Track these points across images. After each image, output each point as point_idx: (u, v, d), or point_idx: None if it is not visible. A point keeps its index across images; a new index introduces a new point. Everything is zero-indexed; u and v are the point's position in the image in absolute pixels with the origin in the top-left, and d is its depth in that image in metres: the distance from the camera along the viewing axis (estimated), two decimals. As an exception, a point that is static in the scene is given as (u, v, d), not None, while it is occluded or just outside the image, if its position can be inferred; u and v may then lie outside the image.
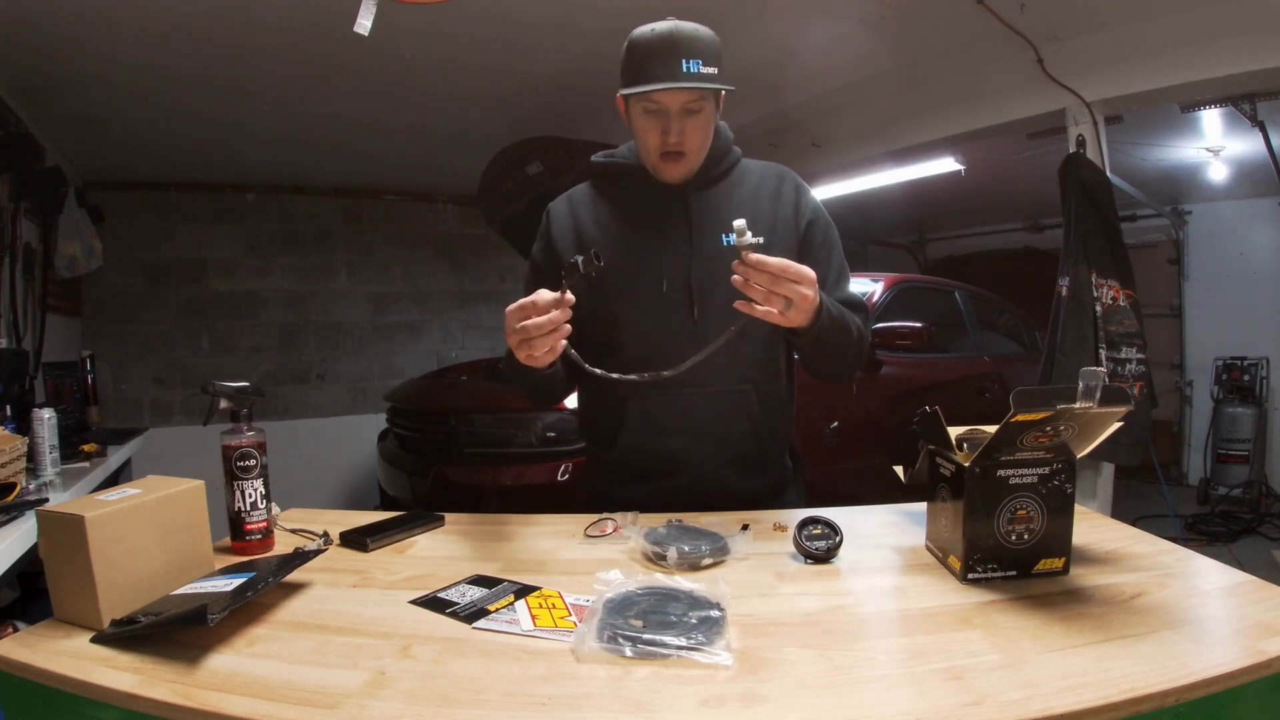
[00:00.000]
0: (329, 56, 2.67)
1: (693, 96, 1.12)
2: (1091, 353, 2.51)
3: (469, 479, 2.65)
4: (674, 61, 1.09)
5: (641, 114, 1.15)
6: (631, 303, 1.19)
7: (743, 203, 1.21)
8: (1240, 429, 4.55)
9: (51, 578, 0.78)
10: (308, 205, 4.77)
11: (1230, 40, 2.35)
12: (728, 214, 1.14)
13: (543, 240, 1.27)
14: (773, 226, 1.19)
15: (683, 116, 1.13)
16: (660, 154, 1.16)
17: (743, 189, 1.24)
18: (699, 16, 1.15)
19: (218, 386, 1.03)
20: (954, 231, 6.57)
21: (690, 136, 1.14)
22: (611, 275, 1.14)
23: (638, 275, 1.19)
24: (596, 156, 1.29)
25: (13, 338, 2.75)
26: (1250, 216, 4.81)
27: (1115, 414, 0.80)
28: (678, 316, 1.18)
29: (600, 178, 1.29)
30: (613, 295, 1.19)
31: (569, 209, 1.27)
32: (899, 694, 0.61)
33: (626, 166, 1.25)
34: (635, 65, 1.12)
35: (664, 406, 1.19)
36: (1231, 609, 0.78)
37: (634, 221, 1.22)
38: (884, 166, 3.74)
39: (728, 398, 1.20)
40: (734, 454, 1.22)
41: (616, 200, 1.25)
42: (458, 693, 0.62)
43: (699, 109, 1.13)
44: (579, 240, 1.23)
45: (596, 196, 1.27)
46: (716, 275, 1.14)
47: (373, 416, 4.28)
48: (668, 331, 1.18)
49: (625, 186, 1.25)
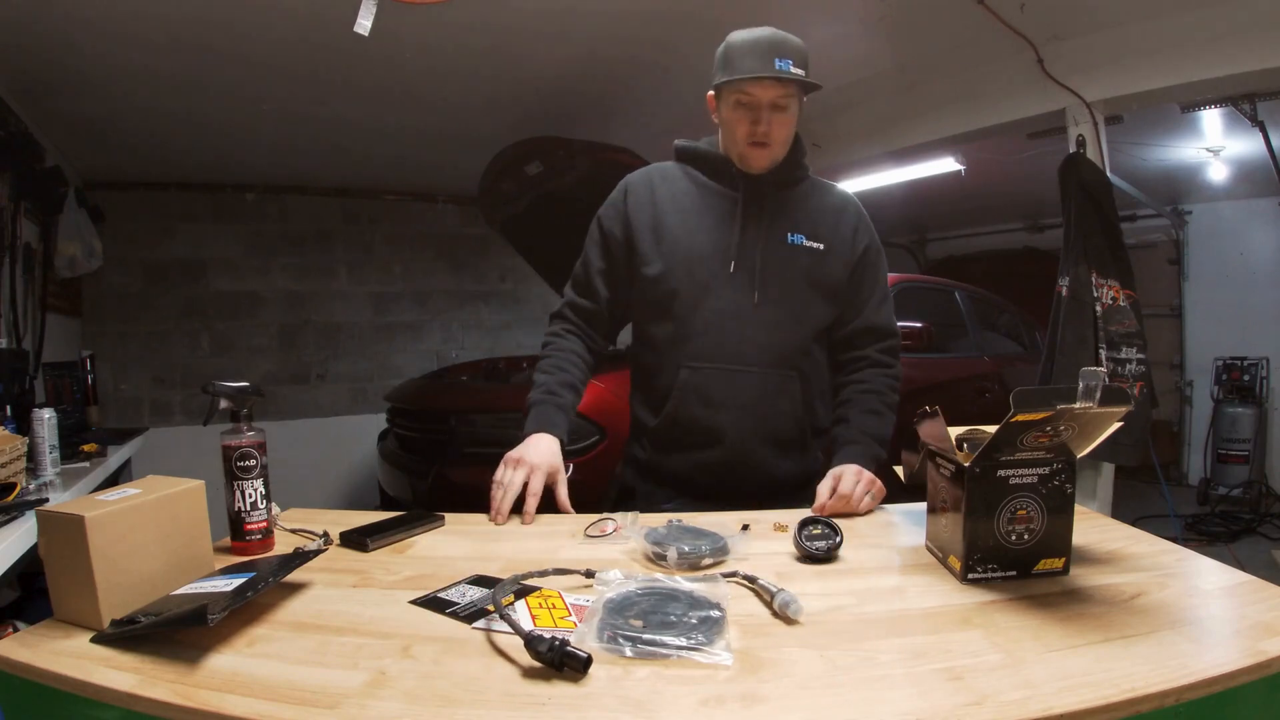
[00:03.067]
0: (329, 58, 2.67)
1: (782, 92, 1.21)
2: (1091, 353, 2.51)
3: (469, 479, 2.64)
4: (769, 59, 1.18)
5: (734, 106, 1.24)
6: (695, 276, 1.28)
7: (811, 211, 1.32)
8: (1240, 429, 4.55)
9: (51, 578, 0.78)
10: (308, 205, 4.77)
11: (1230, 40, 2.35)
12: (799, 214, 1.31)
13: (618, 209, 1.35)
14: (831, 240, 1.31)
15: (771, 110, 1.22)
16: (749, 143, 1.24)
17: (813, 199, 1.34)
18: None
19: (218, 386, 1.03)
20: (954, 231, 6.57)
21: (776, 130, 1.23)
22: (681, 249, 1.27)
23: (708, 252, 1.28)
24: (679, 142, 1.38)
25: (13, 338, 2.75)
26: (1250, 216, 4.82)
27: (1115, 414, 0.80)
28: (740, 298, 1.27)
29: (685, 161, 1.37)
30: (679, 267, 1.28)
31: (649, 184, 1.35)
32: (899, 694, 0.61)
33: (710, 154, 1.34)
34: (732, 60, 1.21)
35: (714, 380, 1.27)
36: (1231, 609, 0.78)
37: (711, 203, 1.31)
38: (884, 166, 3.75)
39: (775, 380, 1.29)
40: (774, 434, 1.30)
41: (697, 183, 1.34)
42: (458, 693, 0.62)
43: (786, 105, 1.23)
44: (655, 212, 1.31)
45: (678, 176, 1.35)
46: (780, 267, 1.28)
47: (373, 416, 4.28)
48: (729, 310, 1.27)
49: (708, 171, 1.34)
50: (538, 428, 1.25)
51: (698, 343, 1.27)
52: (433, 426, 2.96)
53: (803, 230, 1.30)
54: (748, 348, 1.27)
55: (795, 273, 1.28)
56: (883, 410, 1.31)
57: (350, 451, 4.69)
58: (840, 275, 1.32)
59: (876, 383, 1.34)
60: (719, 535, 0.97)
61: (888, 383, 1.35)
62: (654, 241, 1.30)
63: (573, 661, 0.63)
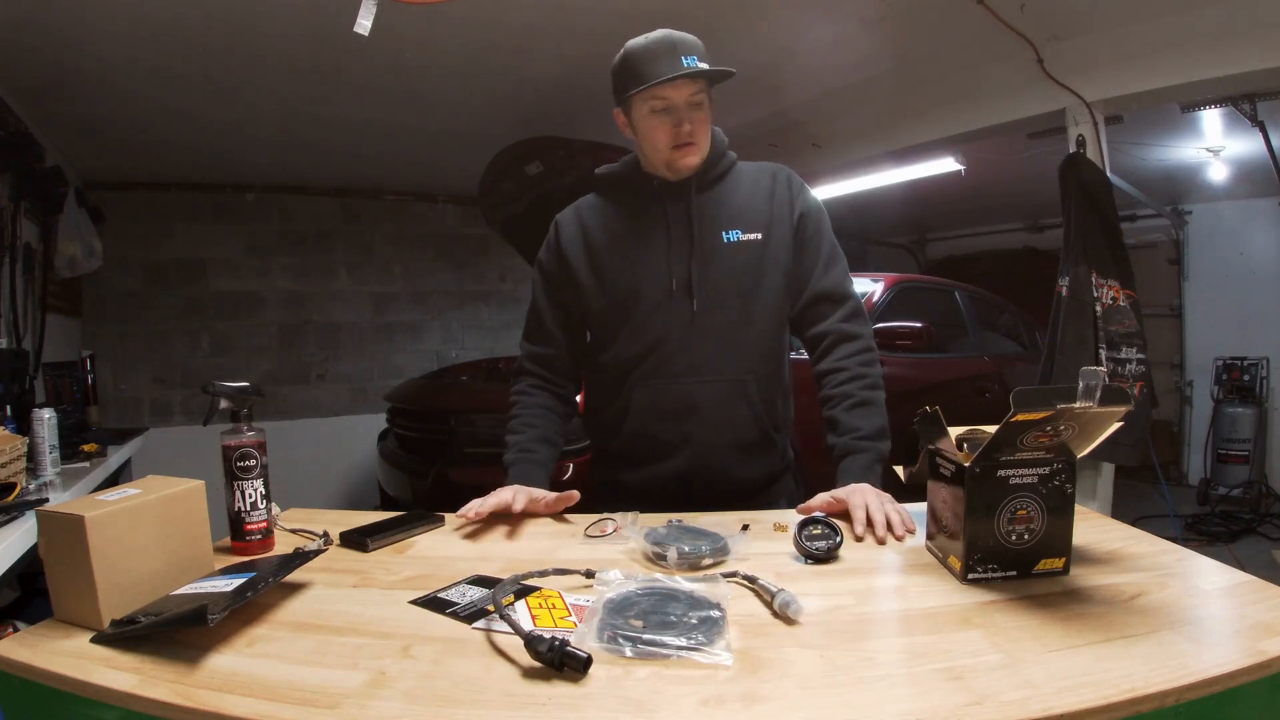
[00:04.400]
0: (329, 58, 2.67)
1: (696, 89, 1.19)
2: (1091, 353, 2.51)
3: (469, 479, 2.64)
4: (675, 59, 1.16)
5: (649, 114, 1.21)
6: (640, 301, 1.26)
7: (742, 201, 1.28)
8: (1240, 429, 4.55)
9: (51, 578, 0.78)
10: (308, 205, 4.77)
11: (1230, 40, 2.35)
12: (727, 213, 1.27)
13: (552, 250, 1.34)
14: (769, 225, 1.27)
15: (689, 109, 1.20)
16: (673, 146, 1.22)
17: (740, 190, 1.30)
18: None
19: (218, 386, 1.03)
20: (954, 231, 6.57)
21: (698, 128, 1.21)
22: (622, 278, 1.26)
23: (647, 276, 1.26)
24: (599, 170, 1.35)
25: (13, 338, 2.75)
26: (1250, 216, 4.81)
27: (1115, 414, 0.80)
28: (680, 309, 1.25)
29: (605, 188, 1.35)
30: (625, 295, 1.27)
31: (577, 219, 1.33)
32: (899, 694, 0.61)
33: (628, 175, 1.32)
34: (636, 69, 1.18)
35: (667, 396, 1.26)
36: (1231, 609, 0.78)
37: (639, 225, 1.29)
38: (884, 166, 3.74)
39: (728, 386, 1.26)
40: (735, 440, 1.28)
41: (621, 207, 1.31)
42: (458, 693, 0.62)
43: (700, 102, 1.21)
44: (588, 247, 1.30)
45: (602, 205, 1.34)
46: (714, 270, 1.25)
47: (373, 416, 4.28)
48: (673, 324, 1.25)
49: (629, 194, 1.32)
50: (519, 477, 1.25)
51: (647, 363, 1.26)
52: (433, 426, 2.96)
53: (738, 224, 1.25)
54: (695, 359, 1.24)
55: (736, 273, 1.25)
56: (870, 398, 1.23)
57: (350, 451, 4.69)
58: (786, 257, 1.27)
59: (852, 366, 1.25)
60: (719, 535, 0.97)
61: (864, 359, 1.26)
62: (592, 275, 1.29)
63: (573, 661, 0.63)
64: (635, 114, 1.23)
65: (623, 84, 1.21)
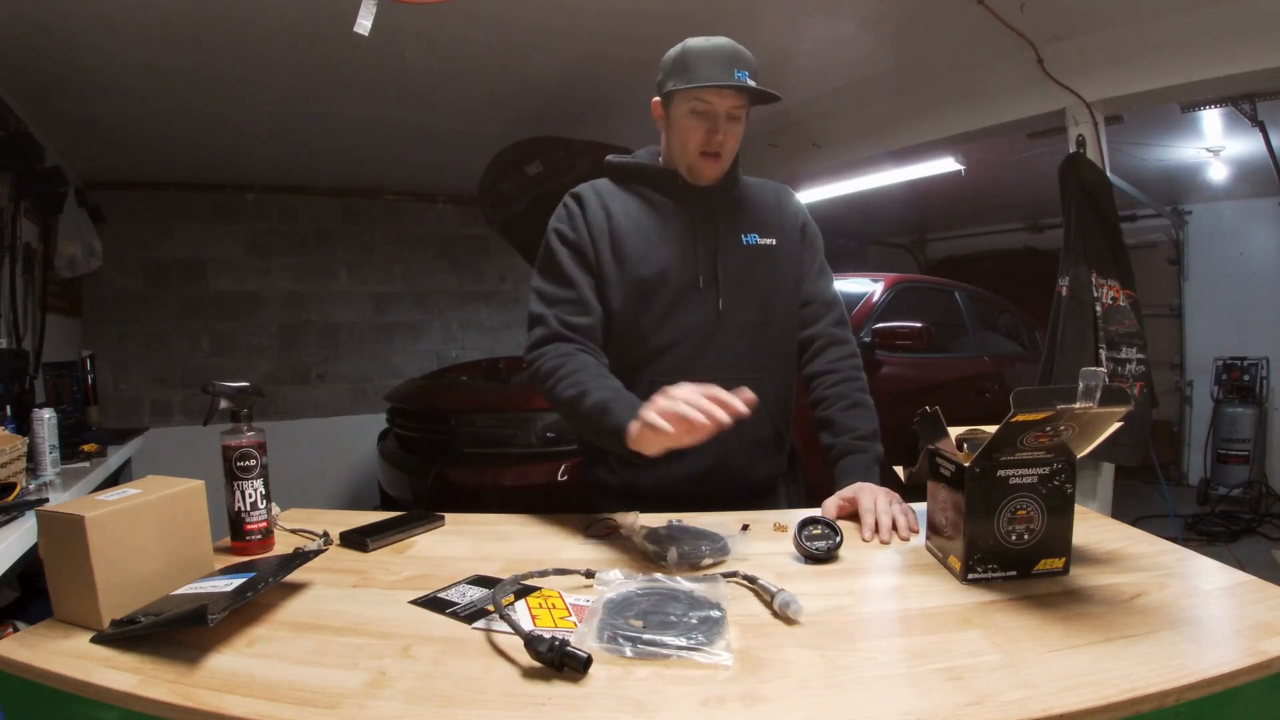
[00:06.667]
0: (329, 57, 2.67)
1: (739, 103, 1.20)
2: (1091, 353, 2.51)
3: (469, 479, 2.65)
4: (729, 68, 1.16)
5: (688, 114, 1.21)
6: (666, 293, 1.25)
7: (756, 208, 1.32)
8: (1240, 429, 4.55)
9: (51, 578, 0.78)
10: (308, 205, 4.77)
11: (1230, 40, 2.35)
12: (745, 217, 1.30)
13: (578, 221, 1.27)
14: (780, 231, 1.32)
15: (727, 120, 1.21)
16: (700, 153, 1.22)
17: (754, 198, 1.34)
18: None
19: (218, 386, 1.03)
20: (954, 231, 6.57)
21: (730, 140, 1.23)
22: (645, 265, 1.23)
23: (675, 271, 1.25)
24: (613, 157, 1.34)
25: (13, 338, 2.75)
26: (1250, 216, 4.81)
27: (1115, 414, 0.80)
28: (705, 307, 1.25)
29: (623, 177, 1.33)
30: (649, 285, 1.24)
31: (598, 198, 1.29)
32: (899, 694, 0.61)
33: (651, 168, 1.31)
34: (689, 66, 1.18)
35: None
36: (1231, 609, 0.78)
37: (663, 218, 1.28)
38: (884, 166, 3.74)
39: (751, 385, 1.23)
40: (756, 437, 1.28)
41: (643, 197, 1.30)
42: (458, 693, 0.62)
43: (739, 116, 1.23)
44: (611, 226, 1.26)
45: (621, 192, 1.31)
46: (737, 270, 1.27)
47: (373, 416, 4.27)
48: (700, 319, 1.25)
49: (650, 185, 1.31)
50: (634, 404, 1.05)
51: (666, 360, 1.23)
52: (433, 426, 2.95)
53: (755, 229, 1.29)
54: (717, 358, 1.24)
55: (756, 274, 1.28)
56: (864, 400, 1.29)
57: (350, 451, 4.69)
58: (794, 265, 1.33)
59: (845, 369, 1.31)
60: (719, 535, 0.97)
61: (855, 363, 1.33)
62: (615, 262, 1.24)
63: (573, 661, 0.63)
64: (674, 110, 1.23)
65: (671, 76, 1.21)
